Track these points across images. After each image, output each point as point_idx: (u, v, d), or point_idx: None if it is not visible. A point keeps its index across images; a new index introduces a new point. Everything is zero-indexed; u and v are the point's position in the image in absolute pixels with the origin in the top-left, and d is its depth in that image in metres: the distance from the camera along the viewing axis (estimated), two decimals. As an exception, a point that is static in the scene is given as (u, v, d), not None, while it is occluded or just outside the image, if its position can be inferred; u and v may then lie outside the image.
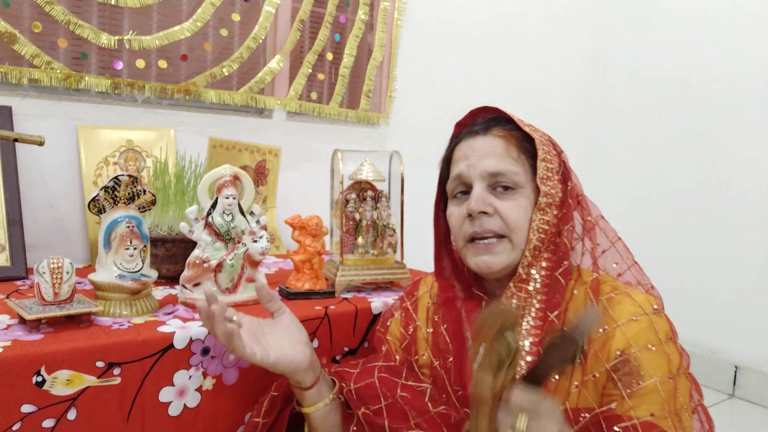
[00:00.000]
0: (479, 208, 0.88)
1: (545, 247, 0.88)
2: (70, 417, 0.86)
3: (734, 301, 2.54)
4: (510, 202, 0.89)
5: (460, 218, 0.92)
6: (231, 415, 1.04)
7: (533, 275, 0.87)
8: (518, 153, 0.90)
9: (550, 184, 0.88)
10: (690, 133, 2.70)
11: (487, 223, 0.88)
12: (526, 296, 0.87)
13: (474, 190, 0.90)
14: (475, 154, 0.91)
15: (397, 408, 0.91)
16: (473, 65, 2.50)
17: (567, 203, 0.90)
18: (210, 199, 1.14)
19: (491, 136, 0.91)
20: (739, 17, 2.55)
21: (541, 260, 0.88)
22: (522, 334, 0.86)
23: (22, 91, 1.52)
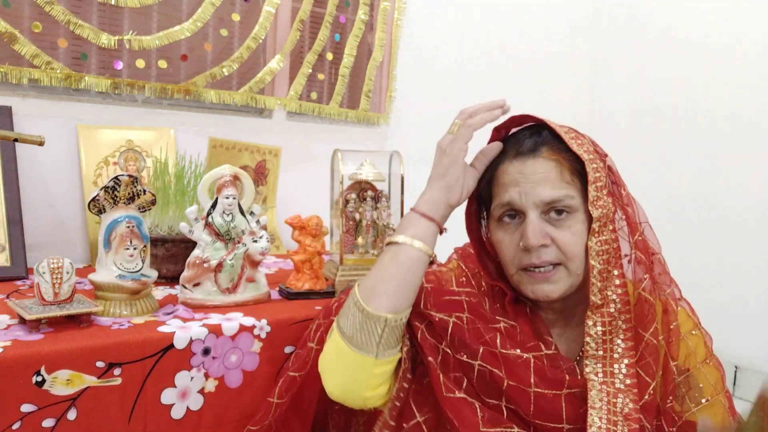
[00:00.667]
0: (539, 242, 0.85)
1: (614, 266, 0.85)
2: (70, 417, 0.86)
3: (734, 301, 2.53)
4: (566, 231, 0.86)
5: (511, 247, 0.89)
6: (236, 420, 1.03)
7: (610, 297, 0.85)
8: (570, 176, 0.87)
9: (600, 203, 0.85)
10: (690, 134, 2.70)
11: (545, 254, 0.86)
12: (609, 320, 0.85)
13: (530, 221, 0.86)
14: (527, 181, 0.87)
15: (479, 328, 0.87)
16: (473, 65, 2.49)
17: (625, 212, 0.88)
18: (210, 199, 1.14)
19: (542, 159, 0.87)
20: (739, 18, 2.55)
21: (613, 279, 0.85)
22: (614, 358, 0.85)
23: (22, 91, 1.52)
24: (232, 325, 1.03)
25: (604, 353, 0.85)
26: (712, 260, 2.61)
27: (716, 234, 2.60)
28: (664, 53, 2.80)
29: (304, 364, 0.95)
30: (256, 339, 1.05)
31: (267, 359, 1.06)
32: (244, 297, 1.17)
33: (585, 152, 0.86)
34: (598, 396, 0.83)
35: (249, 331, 1.05)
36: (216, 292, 1.14)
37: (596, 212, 0.84)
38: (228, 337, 1.02)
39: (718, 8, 2.61)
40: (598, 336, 0.85)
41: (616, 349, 0.84)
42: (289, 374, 0.96)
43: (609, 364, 0.84)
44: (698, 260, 2.64)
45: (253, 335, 1.05)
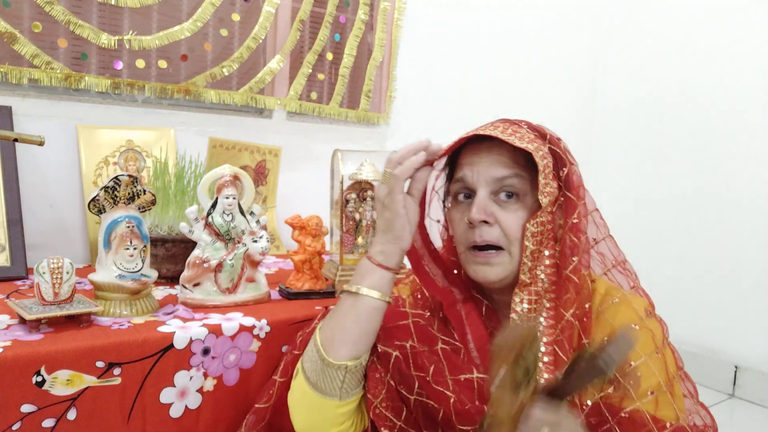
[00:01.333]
0: (480, 217, 0.88)
1: (545, 246, 0.87)
2: (70, 417, 0.87)
3: (734, 301, 2.54)
4: (511, 213, 0.88)
5: (462, 224, 0.92)
6: (232, 416, 1.04)
7: (539, 276, 0.87)
8: (523, 163, 0.89)
9: (547, 190, 0.87)
10: (690, 134, 2.70)
11: (487, 234, 0.88)
12: (535, 298, 0.87)
13: (477, 197, 0.89)
14: (481, 161, 0.90)
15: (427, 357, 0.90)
16: (473, 65, 2.50)
17: (565, 196, 0.88)
18: (210, 199, 1.14)
19: (497, 144, 0.90)
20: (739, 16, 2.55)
21: (543, 259, 0.87)
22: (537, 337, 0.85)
23: (22, 91, 1.52)
24: (232, 325, 1.03)
25: None
26: (712, 259, 2.61)
27: (716, 233, 2.60)
28: (664, 53, 2.80)
29: (270, 397, 0.97)
30: (255, 339, 1.06)
31: (264, 357, 1.07)
32: (244, 297, 1.17)
33: (528, 142, 0.87)
34: None
35: (249, 331, 1.05)
36: (216, 292, 1.14)
37: (545, 199, 0.86)
38: (228, 337, 1.02)
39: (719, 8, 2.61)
40: (523, 313, 0.87)
41: (538, 327, 0.86)
42: (256, 406, 0.98)
43: None
44: (698, 259, 2.64)
45: (252, 335, 1.05)
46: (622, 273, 0.92)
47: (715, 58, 2.62)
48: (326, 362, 0.87)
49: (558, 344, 0.85)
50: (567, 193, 0.88)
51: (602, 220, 0.93)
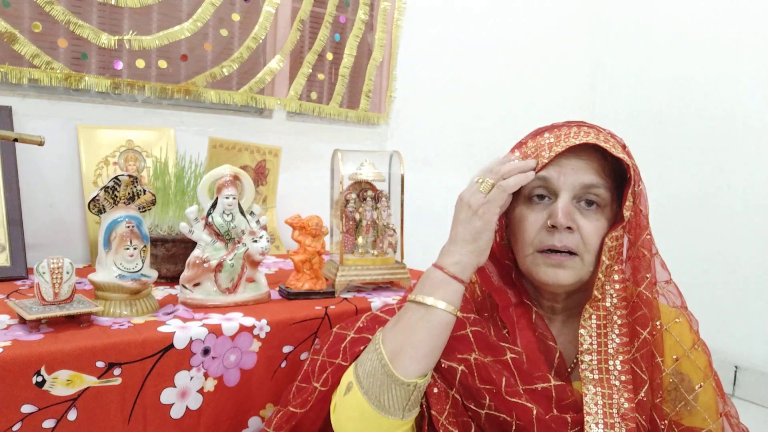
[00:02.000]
0: (567, 223, 0.85)
1: (615, 261, 0.86)
2: (71, 417, 0.86)
3: (734, 301, 2.54)
4: (592, 222, 0.87)
5: (536, 225, 0.88)
6: (233, 417, 1.04)
7: (608, 291, 0.86)
8: (611, 172, 0.89)
9: (627, 204, 0.86)
10: (689, 135, 2.70)
11: (568, 239, 0.86)
12: (605, 314, 0.86)
13: (561, 201, 0.86)
14: (569, 165, 0.88)
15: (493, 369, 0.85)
16: (473, 65, 2.50)
17: (637, 210, 0.87)
18: (210, 199, 1.14)
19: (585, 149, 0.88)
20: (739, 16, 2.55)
21: (613, 275, 0.86)
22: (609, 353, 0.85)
23: (22, 91, 1.52)
24: (232, 325, 1.03)
25: (599, 347, 0.86)
26: (712, 260, 2.61)
27: (716, 234, 2.60)
28: (664, 53, 2.80)
29: (305, 403, 0.90)
30: (255, 339, 1.06)
31: (264, 357, 1.07)
32: (244, 297, 1.17)
33: (623, 155, 0.87)
34: (593, 400, 0.83)
35: (249, 331, 1.05)
36: (216, 292, 1.14)
37: (627, 213, 0.85)
38: (228, 337, 1.02)
39: (718, 8, 2.61)
40: (592, 329, 0.86)
41: (611, 344, 0.85)
42: (290, 409, 0.91)
43: (604, 361, 0.85)
44: (698, 260, 2.64)
45: (252, 335, 1.05)
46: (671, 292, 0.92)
47: (715, 58, 2.62)
48: (394, 378, 0.80)
49: (634, 362, 0.85)
50: (639, 207, 0.87)
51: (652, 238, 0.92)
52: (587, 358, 0.86)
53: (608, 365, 0.85)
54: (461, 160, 2.42)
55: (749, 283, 2.50)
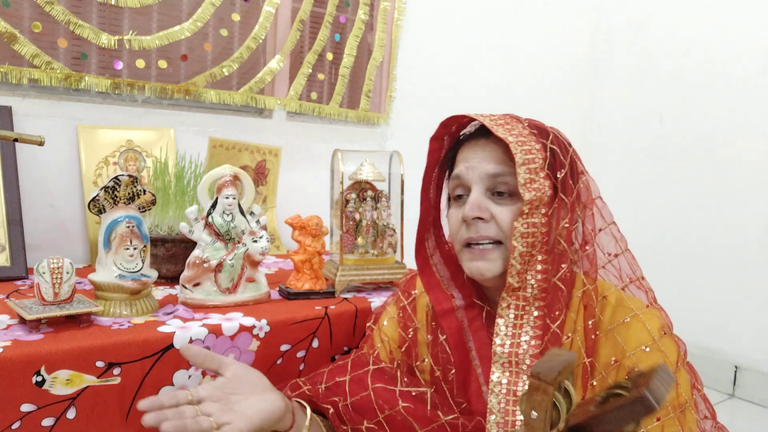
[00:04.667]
0: (474, 214, 0.86)
1: (538, 250, 0.84)
2: (70, 416, 0.87)
3: (734, 301, 2.54)
4: (506, 208, 0.86)
5: (457, 222, 0.90)
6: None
7: (529, 281, 0.84)
8: None
9: (534, 186, 0.83)
10: (690, 133, 2.70)
11: (483, 229, 0.86)
12: (523, 303, 0.85)
13: (471, 195, 0.88)
14: (475, 157, 0.89)
15: (398, 419, 0.88)
16: (473, 65, 2.50)
17: (558, 198, 0.85)
18: (210, 199, 1.14)
19: (491, 140, 0.89)
20: (739, 15, 2.55)
21: (535, 264, 0.84)
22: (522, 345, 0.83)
23: (22, 91, 1.52)
24: (231, 326, 1.03)
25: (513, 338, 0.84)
26: (712, 261, 2.61)
27: (716, 235, 2.60)
28: (664, 57, 2.80)
29: None
30: (254, 339, 1.06)
31: (263, 357, 1.07)
32: (244, 297, 1.17)
33: (512, 135, 0.85)
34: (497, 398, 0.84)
35: (248, 331, 1.05)
36: (216, 292, 1.14)
37: (528, 194, 0.82)
38: (227, 337, 1.02)
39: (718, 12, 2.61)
40: (509, 319, 0.85)
41: (524, 336, 0.84)
42: None
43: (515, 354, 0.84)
44: (698, 260, 2.64)
45: (252, 335, 1.05)
46: (639, 289, 0.88)
47: (715, 58, 2.62)
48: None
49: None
50: (561, 195, 0.85)
51: (620, 234, 0.89)
52: (499, 350, 0.85)
53: (518, 358, 0.83)
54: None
55: (749, 283, 2.50)
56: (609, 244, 0.88)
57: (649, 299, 0.87)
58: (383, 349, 1.02)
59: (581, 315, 0.85)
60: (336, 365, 0.99)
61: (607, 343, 0.83)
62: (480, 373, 0.90)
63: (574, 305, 0.85)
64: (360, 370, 0.96)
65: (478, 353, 0.91)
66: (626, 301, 0.85)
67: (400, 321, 1.02)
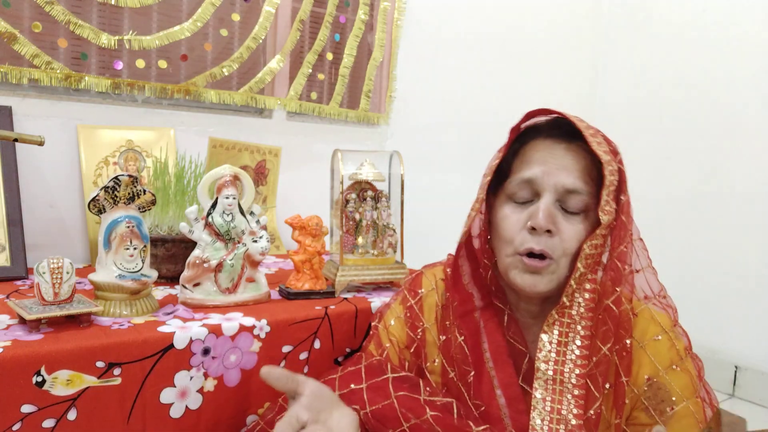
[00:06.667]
0: (548, 226, 0.82)
1: (592, 270, 0.82)
2: (71, 417, 0.86)
3: (734, 301, 2.53)
4: (573, 226, 0.83)
5: (517, 226, 0.86)
6: (233, 417, 1.04)
7: (577, 299, 0.82)
8: (592, 175, 0.85)
9: (607, 209, 0.81)
10: (690, 134, 2.70)
11: (547, 243, 0.83)
12: (569, 321, 0.83)
13: (543, 202, 0.83)
14: (555, 163, 0.84)
15: (423, 428, 0.84)
16: (473, 65, 2.50)
17: (620, 220, 0.83)
18: (210, 199, 1.14)
19: (574, 148, 0.85)
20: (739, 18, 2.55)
21: (585, 283, 0.83)
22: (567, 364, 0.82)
23: (22, 91, 1.52)
24: (232, 325, 1.03)
25: (557, 356, 0.83)
26: (712, 260, 2.61)
27: (716, 233, 2.60)
28: (664, 51, 2.80)
29: None
30: (255, 339, 1.05)
31: (265, 358, 1.06)
32: (244, 297, 1.17)
33: (603, 152, 0.82)
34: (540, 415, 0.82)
35: (249, 331, 1.05)
36: (216, 292, 1.14)
37: (605, 218, 0.80)
38: (228, 337, 1.02)
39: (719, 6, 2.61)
40: (554, 336, 0.83)
41: (570, 355, 0.82)
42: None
43: (560, 372, 0.82)
44: (698, 260, 2.64)
45: (252, 335, 1.05)
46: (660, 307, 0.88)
47: (716, 58, 2.62)
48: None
49: (591, 378, 0.81)
50: (622, 217, 0.82)
51: (645, 251, 0.87)
52: (543, 366, 0.83)
53: (563, 377, 0.82)
54: (461, 160, 2.42)
55: (749, 283, 2.49)
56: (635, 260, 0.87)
57: (673, 316, 0.87)
58: (392, 350, 0.99)
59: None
60: (347, 372, 0.94)
61: (638, 361, 0.83)
62: (494, 376, 0.88)
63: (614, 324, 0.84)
64: (377, 378, 0.91)
65: (492, 356, 0.89)
66: (657, 318, 0.85)
67: (408, 321, 1.00)
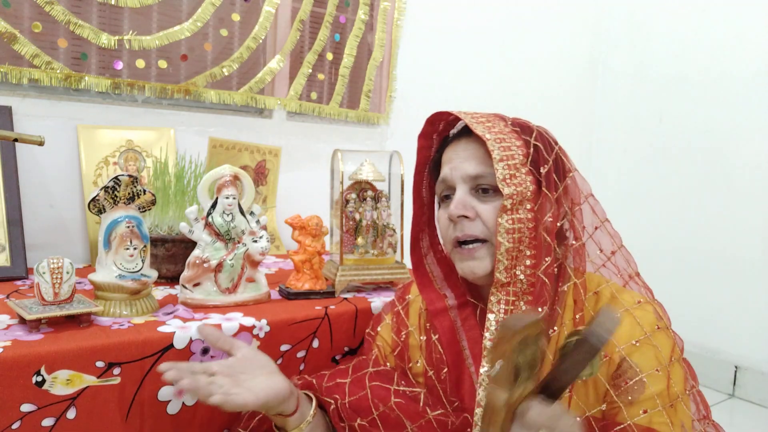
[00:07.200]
0: (458, 213, 0.87)
1: (526, 245, 0.84)
2: (70, 416, 0.87)
3: (734, 301, 2.53)
4: (490, 204, 0.87)
5: (445, 222, 0.91)
6: (228, 414, 1.03)
7: (518, 276, 0.84)
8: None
9: (515, 181, 0.84)
10: (690, 132, 2.70)
11: (469, 228, 0.87)
12: (513, 299, 0.85)
13: (456, 194, 0.89)
14: (457, 158, 0.90)
15: (391, 417, 0.90)
16: (473, 65, 2.50)
17: (543, 193, 0.85)
18: (210, 199, 1.14)
19: (472, 139, 0.90)
20: (739, 16, 2.55)
21: (524, 260, 0.85)
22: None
23: (22, 91, 1.52)
24: (231, 326, 1.03)
25: None
26: (712, 260, 2.61)
27: (716, 233, 2.60)
28: (664, 55, 2.80)
29: None
30: (254, 338, 1.06)
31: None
32: (244, 297, 1.17)
33: (491, 133, 0.86)
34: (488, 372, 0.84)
35: (248, 331, 1.05)
36: (216, 292, 1.14)
37: (508, 189, 0.83)
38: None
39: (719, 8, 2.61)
40: (500, 315, 0.85)
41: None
42: None
43: None
44: (698, 260, 2.64)
45: (252, 335, 1.05)
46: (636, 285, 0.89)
47: (716, 57, 2.62)
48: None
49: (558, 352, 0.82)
50: (545, 190, 0.85)
51: (614, 230, 0.90)
52: (489, 344, 0.85)
53: None
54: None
55: (749, 283, 2.49)
56: (603, 240, 0.89)
57: (643, 294, 0.87)
58: (379, 354, 1.04)
59: (570, 309, 0.85)
60: (337, 369, 1.01)
61: None
62: (473, 372, 0.90)
63: (564, 300, 0.86)
64: (359, 373, 0.98)
65: (471, 352, 0.92)
66: (618, 296, 0.86)
67: (394, 326, 1.04)
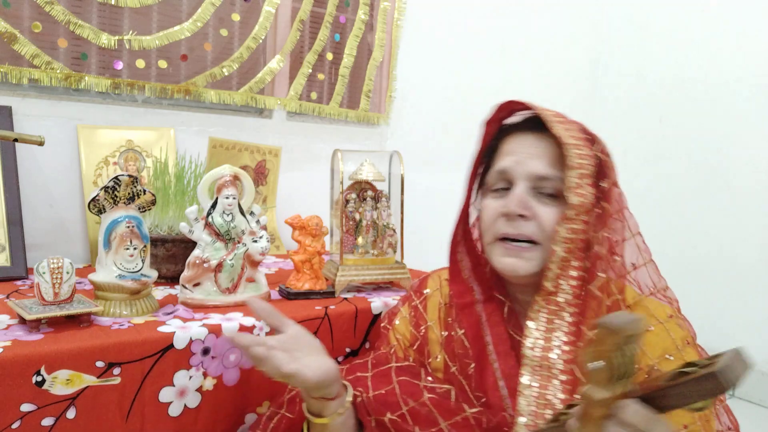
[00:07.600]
0: (518, 211, 0.84)
1: (575, 256, 0.83)
2: (70, 416, 0.87)
3: (734, 301, 2.54)
4: (550, 209, 0.84)
5: (494, 214, 0.88)
6: (231, 415, 1.04)
7: (562, 286, 0.83)
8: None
9: (580, 191, 0.82)
10: (690, 133, 2.70)
11: (523, 227, 0.85)
12: (556, 309, 0.83)
13: (515, 190, 0.86)
14: (524, 152, 0.87)
15: (422, 413, 0.86)
16: (473, 65, 2.50)
17: (599, 206, 0.84)
18: (210, 199, 1.14)
19: (544, 136, 0.86)
20: (739, 18, 2.55)
21: (570, 270, 0.83)
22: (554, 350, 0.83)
23: (22, 91, 1.52)
24: (231, 326, 1.03)
25: (545, 342, 0.83)
26: (711, 260, 2.61)
27: (717, 232, 2.60)
28: (664, 57, 2.80)
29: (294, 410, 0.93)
30: (255, 339, 1.05)
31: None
32: (244, 297, 1.17)
33: (570, 137, 0.84)
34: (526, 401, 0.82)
35: (249, 331, 1.05)
36: (216, 292, 1.14)
37: (574, 199, 0.81)
38: (228, 337, 1.02)
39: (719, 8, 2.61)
40: (541, 323, 0.84)
41: (555, 341, 0.83)
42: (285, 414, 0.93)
43: (546, 358, 0.83)
44: (698, 260, 2.64)
45: (252, 335, 1.05)
46: (663, 300, 0.88)
47: (716, 59, 2.62)
48: None
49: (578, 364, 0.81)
50: (604, 204, 0.83)
51: (645, 245, 0.89)
52: (530, 353, 0.84)
53: (550, 362, 0.82)
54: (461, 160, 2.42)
55: (749, 282, 2.50)
56: (633, 254, 0.88)
57: (673, 309, 0.87)
58: (399, 348, 1.01)
59: None
60: (354, 364, 0.98)
61: None
62: (497, 368, 0.89)
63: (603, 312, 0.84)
64: (382, 367, 0.95)
65: (495, 348, 0.90)
66: (651, 309, 0.85)
67: (412, 320, 1.02)
